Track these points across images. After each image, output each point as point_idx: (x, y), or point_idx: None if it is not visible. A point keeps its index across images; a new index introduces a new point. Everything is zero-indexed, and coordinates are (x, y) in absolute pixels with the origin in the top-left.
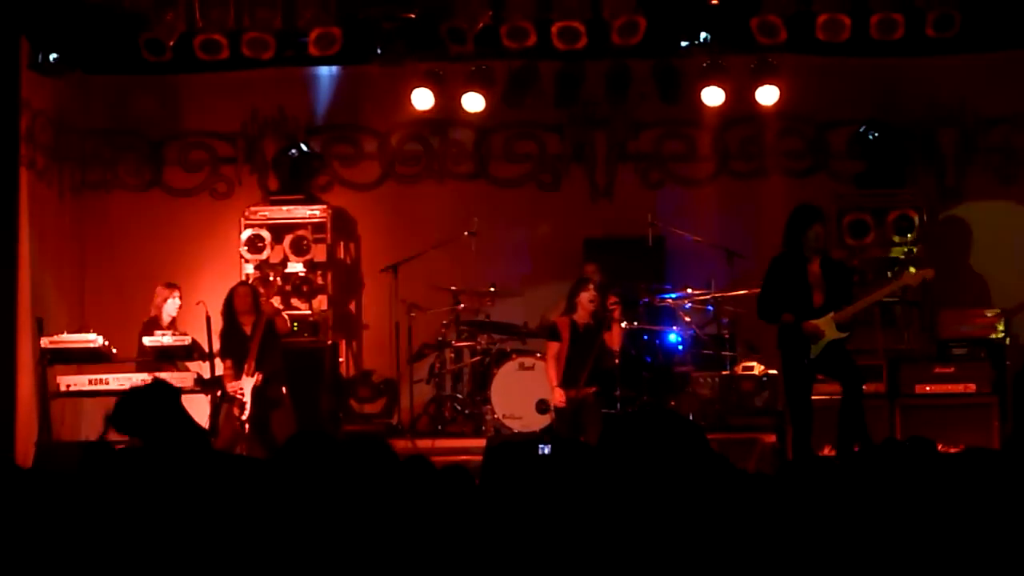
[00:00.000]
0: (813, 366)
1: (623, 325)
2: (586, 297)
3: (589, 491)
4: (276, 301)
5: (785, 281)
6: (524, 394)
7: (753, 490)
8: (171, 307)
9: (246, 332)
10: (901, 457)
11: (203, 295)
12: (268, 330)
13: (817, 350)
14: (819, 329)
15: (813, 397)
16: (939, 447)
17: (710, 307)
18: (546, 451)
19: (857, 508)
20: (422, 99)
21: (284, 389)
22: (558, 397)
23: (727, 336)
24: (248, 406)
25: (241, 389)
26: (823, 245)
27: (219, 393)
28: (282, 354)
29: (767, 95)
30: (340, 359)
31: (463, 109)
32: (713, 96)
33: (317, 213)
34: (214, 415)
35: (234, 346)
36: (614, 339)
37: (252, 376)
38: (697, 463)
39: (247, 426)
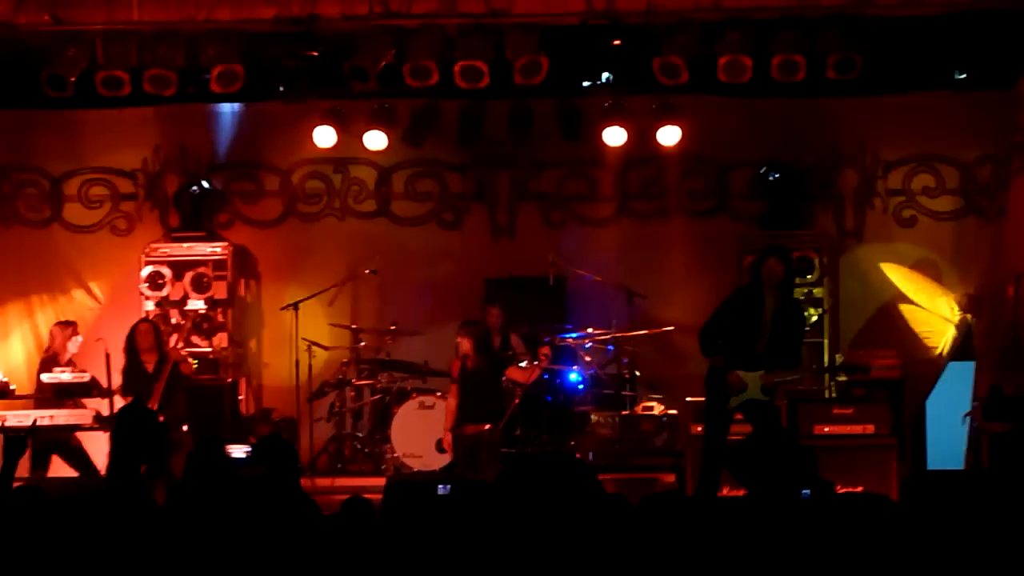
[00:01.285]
0: (732, 409)
1: (523, 365)
2: (461, 344)
3: (486, 529)
4: (177, 341)
5: (737, 316)
6: (424, 433)
7: (646, 528)
8: (72, 345)
9: (147, 369)
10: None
11: (103, 332)
12: (173, 373)
13: (736, 402)
14: (742, 384)
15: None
16: (838, 488)
17: (611, 347)
18: (445, 491)
19: (754, 549)
20: (324, 137)
21: (185, 428)
22: (446, 440)
23: (627, 376)
24: None
25: None
26: (776, 281)
27: None
28: (184, 395)
29: (669, 135)
30: (240, 397)
31: (365, 147)
32: (615, 136)
33: (218, 250)
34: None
35: (135, 383)
36: (531, 376)
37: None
38: (588, 503)
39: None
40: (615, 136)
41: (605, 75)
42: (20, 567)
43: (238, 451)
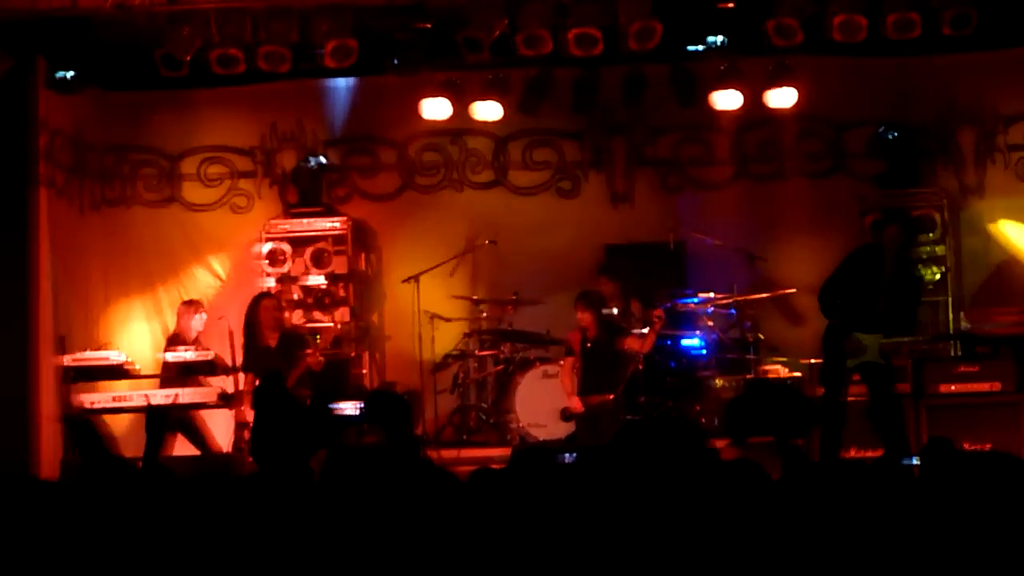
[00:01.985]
0: (850, 371)
1: (644, 331)
2: (581, 318)
3: (604, 495)
4: (315, 353)
5: (855, 277)
6: (548, 402)
7: (766, 495)
8: (198, 323)
9: (270, 346)
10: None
11: (225, 310)
12: (302, 377)
13: (854, 363)
14: (862, 347)
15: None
16: (965, 446)
17: (732, 311)
18: (570, 459)
19: (874, 513)
20: (439, 109)
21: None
22: (575, 404)
23: (750, 340)
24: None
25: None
26: (896, 247)
27: (241, 410)
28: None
29: (784, 97)
30: (363, 371)
31: (480, 117)
32: (730, 100)
33: (337, 225)
34: (237, 431)
35: (257, 360)
36: (646, 344)
37: None
38: (701, 467)
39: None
40: (730, 99)
41: (719, 38)
42: (144, 547)
43: (349, 408)
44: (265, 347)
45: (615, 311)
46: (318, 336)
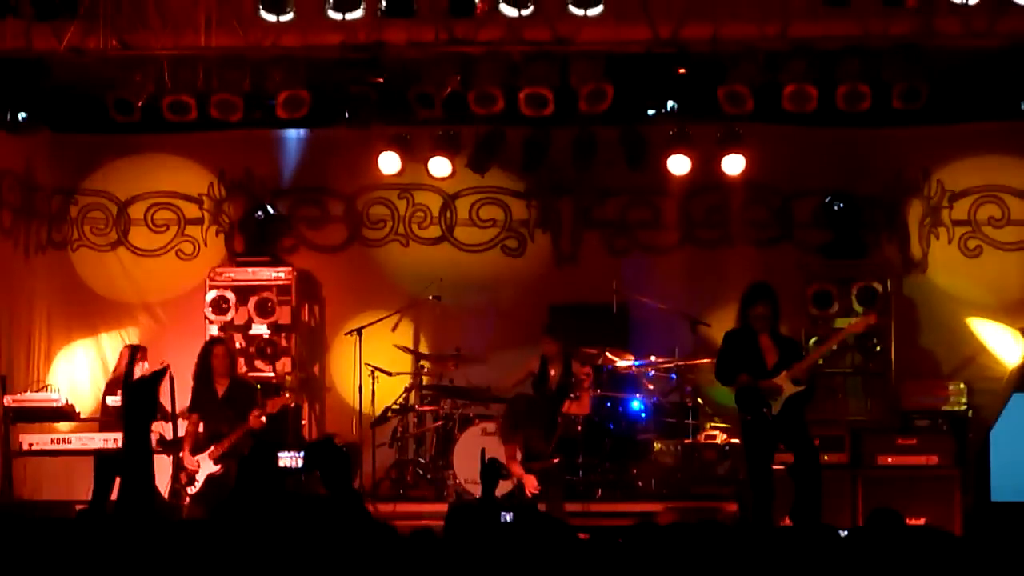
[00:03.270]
0: (774, 428)
1: (590, 392)
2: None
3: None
4: (260, 415)
5: (738, 350)
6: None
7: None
8: (139, 370)
9: (217, 393)
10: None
11: (166, 356)
12: (246, 436)
13: (777, 407)
14: (776, 385)
15: (774, 467)
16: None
17: (673, 375)
18: (508, 518)
19: None
20: (389, 163)
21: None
22: (531, 484)
23: (690, 404)
24: (199, 486)
25: (198, 467)
26: (764, 327)
27: (180, 454)
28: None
29: (733, 164)
30: (303, 421)
31: (430, 174)
32: (679, 164)
33: (282, 275)
34: (175, 477)
35: (203, 403)
36: (583, 406)
37: (215, 463)
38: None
39: (187, 499)
40: (679, 164)
41: (670, 103)
42: None
43: (289, 458)
44: (214, 392)
45: (553, 372)
46: (263, 391)
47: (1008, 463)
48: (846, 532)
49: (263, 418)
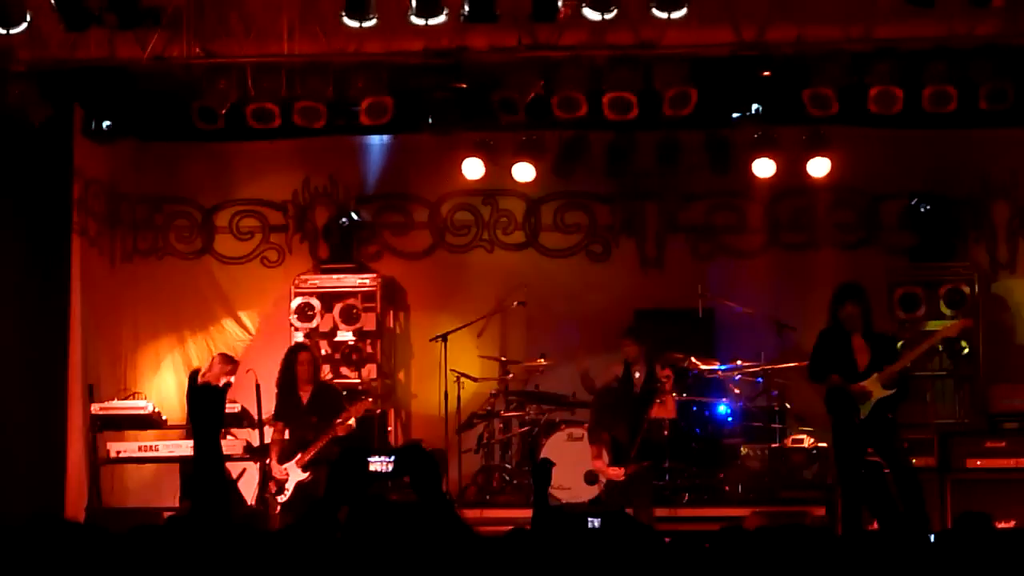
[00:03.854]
0: (863, 430)
1: (673, 396)
2: (627, 351)
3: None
4: (346, 419)
5: (830, 351)
6: (573, 465)
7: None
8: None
9: (302, 401)
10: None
11: (252, 363)
12: (332, 443)
13: (866, 410)
14: (865, 390)
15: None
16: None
17: (760, 379)
18: (596, 524)
19: None
20: (472, 168)
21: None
22: (615, 473)
23: (777, 408)
24: (288, 494)
25: (287, 476)
26: (855, 326)
27: (267, 462)
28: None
29: (819, 167)
30: (389, 428)
31: (513, 179)
32: (764, 168)
33: (367, 282)
34: (262, 484)
35: (288, 411)
36: (668, 410)
37: (303, 471)
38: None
39: (278, 508)
40: (764, 168)
41: (754, 106)
42: None
43: (379, 463)
44: (298, 399)
45: (637, 374)
46: (348, 396)
47: None
48: (934, 536)
49: (351, 422)
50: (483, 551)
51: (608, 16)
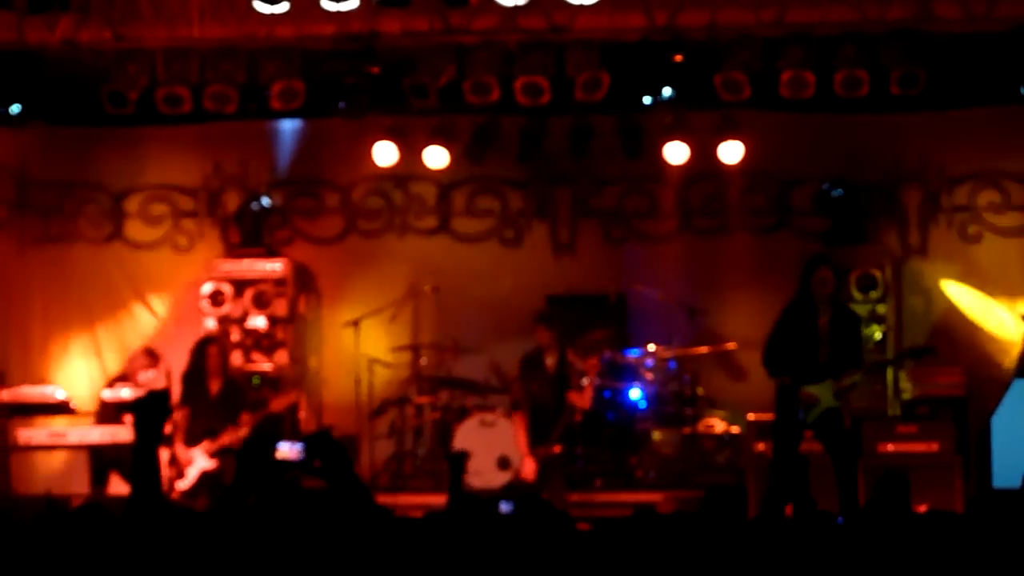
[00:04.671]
0: (804, 428)
1: (583, 383)
2: (540, 336)
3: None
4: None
5: (793, 332)
6: (485, 450)
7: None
8: (147, 376)
9: (210, 392)
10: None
11: (163, 349)
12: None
13: (812, 416)
14: (815, 398)
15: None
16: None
17: (672, 364)
18: (508, 508)
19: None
20: (384, 153)
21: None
22: (528, 469)
23: (689, 394)
24: (191, 481)
25: (191, 461)
26: (831, 290)
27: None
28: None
29: (731, 152)
30: (300, 414)
31: (425, 164)
32: (677, 152)
33: (278, 267)
34: (170, 470)
35: (195, 400)
36: (585, 398)
37: (209, 458)
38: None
39: (176, 493)
40: (677, 152)
41: (666, 91)
42: None
43: (288, 449)
44: (206, 390)
45: (549, 360)
46: (264, 385)
47: (1009, 449)
48: (846, 519)
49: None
50: (398, 534)
51: (520, 1)
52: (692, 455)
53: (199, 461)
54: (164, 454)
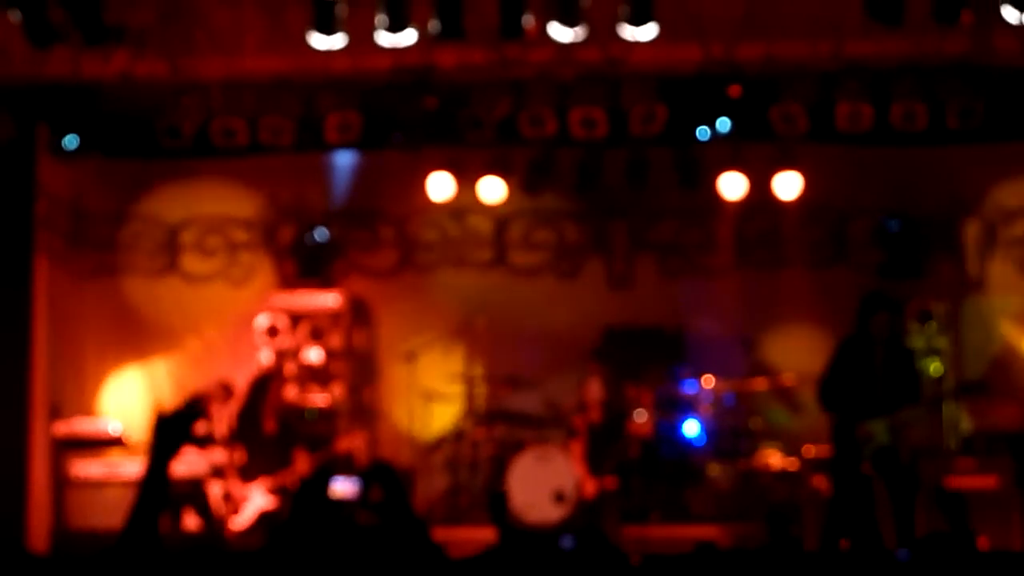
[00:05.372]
0: (862, 462)
1: (643, 414)
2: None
3: None
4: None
5: (850, 367)
6: (541, 484)
7: None
8: (219, 411)
9: (266, 427)
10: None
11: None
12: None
13: (868, 451)
14: (871, 434)
15: None
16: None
17: (730, 398)
18: (569, 543)
19: None
20: (440, 186)
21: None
22: (589, 489)
23: (745, 427)
24: (248, 521)
25: (247, 498)
26: (887, 335)
27: (226, 484)
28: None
29: (787, 185)
30: (356, 448)
31: (481, 197)
32: (733, 186)
33: (334, 300)
34: (212, 506)
35: (248, 435)
36: (644, 430)
37: (267, 495)
38: None
39: (234, 530)
40: (733, 186)
41: (723, 123)
42: None
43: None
44: (262, 427)
45: (604, 396)
46: (312, 412)
47: None
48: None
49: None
50: (454, 573)
51: (576, 34)
52: (748, 489)
53: (256, 499)
54: (217, 489)
